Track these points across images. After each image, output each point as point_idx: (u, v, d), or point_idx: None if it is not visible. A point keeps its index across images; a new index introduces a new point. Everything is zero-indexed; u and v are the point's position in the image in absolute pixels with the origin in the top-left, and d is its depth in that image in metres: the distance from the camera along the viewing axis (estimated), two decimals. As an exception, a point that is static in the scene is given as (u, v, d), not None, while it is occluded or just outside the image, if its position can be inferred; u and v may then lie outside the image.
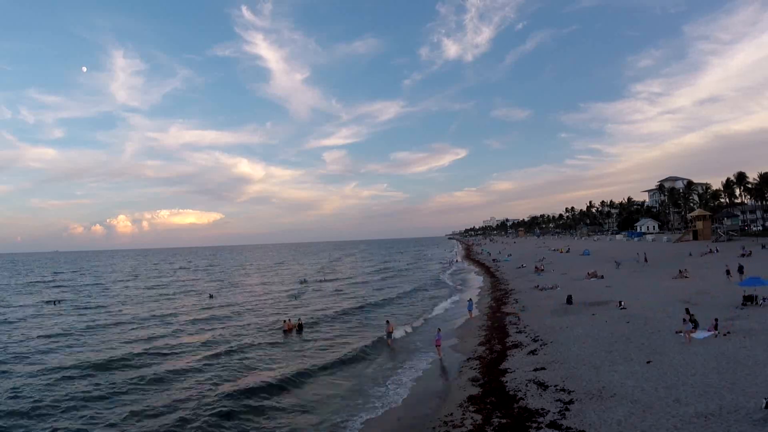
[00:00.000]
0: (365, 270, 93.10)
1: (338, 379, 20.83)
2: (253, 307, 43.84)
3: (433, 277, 71.25)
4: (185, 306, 45.66)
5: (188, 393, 18.85)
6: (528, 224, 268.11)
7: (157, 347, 27.11)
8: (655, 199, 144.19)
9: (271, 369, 22.21)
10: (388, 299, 46.22)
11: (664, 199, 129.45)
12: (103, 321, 37.29)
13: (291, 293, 54.19)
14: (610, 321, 24.02)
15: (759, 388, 12.95)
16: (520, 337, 23.87)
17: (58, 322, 37.23)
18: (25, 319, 39.88)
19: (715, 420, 11.51)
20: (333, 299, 48.14)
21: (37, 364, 24.10)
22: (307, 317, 35.25)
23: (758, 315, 21.80)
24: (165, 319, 37.83)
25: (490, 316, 31.79)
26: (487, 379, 17.89)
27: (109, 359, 24.31)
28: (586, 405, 13.59)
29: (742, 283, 26.46)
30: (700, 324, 20.32)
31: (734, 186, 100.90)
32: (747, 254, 50.47)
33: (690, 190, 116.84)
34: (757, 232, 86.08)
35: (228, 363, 23.31)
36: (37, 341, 29.87)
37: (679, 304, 26.27)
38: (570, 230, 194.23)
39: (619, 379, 15.31)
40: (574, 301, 30.90)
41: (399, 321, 33.08)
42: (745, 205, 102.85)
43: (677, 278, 37.66)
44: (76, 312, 43.31)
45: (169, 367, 22.73)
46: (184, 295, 55.74)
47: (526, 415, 13.56)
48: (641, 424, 11.82)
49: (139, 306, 46.55)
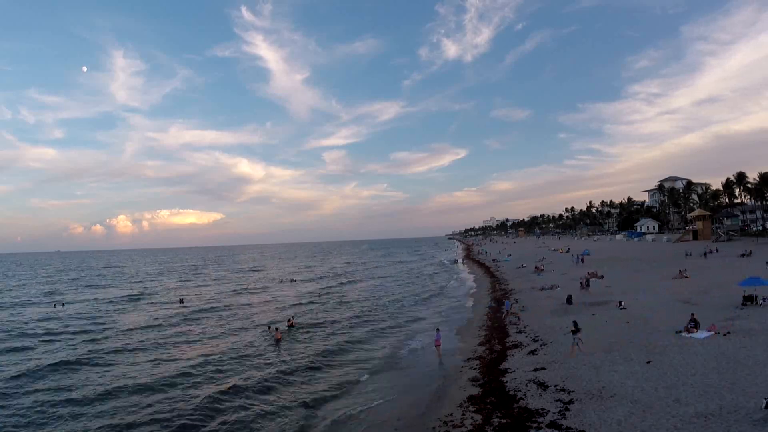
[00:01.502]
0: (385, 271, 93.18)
1: (338, 378, 20.82)
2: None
3: (435, 283, 71.27)
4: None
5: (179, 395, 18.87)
6: (528, 224, 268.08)
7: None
8: (655, 199, 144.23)
9: (270, 367, 22.25)
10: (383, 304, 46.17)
11: (664, 199, 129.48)
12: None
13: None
14: (610, 321, 24.01)
15: (759, 388, 12.94)
16: (520, 337, 23.85)
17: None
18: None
19: (715, 420, 11.50)
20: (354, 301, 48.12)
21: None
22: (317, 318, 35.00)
23: (758, 315, 21.79)
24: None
25: (490, 316, 31.77)
26: (487, 379, 17.87)
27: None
28: (586, 405, 13.58)
29: (742, 283, 26.45)
30: (700, 324, 20.33)
31: (734, 186, 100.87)
32: (747, 254, 50.50)
33: (690, 190, 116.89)
34: (757, 232, 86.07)
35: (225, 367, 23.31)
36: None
37: (679, 304, 26.29)
38: (570, 230, 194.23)
39: (619, 379, 15.30)
40: (574, 301, 30.89)
41: (399, 320, 33.07)
42: (745, 205, 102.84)
43: (677, 278, 37.66)
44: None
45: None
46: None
47: (526, 415, 13.54)
48: (641, 424, 11.81)
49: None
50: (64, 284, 77.89)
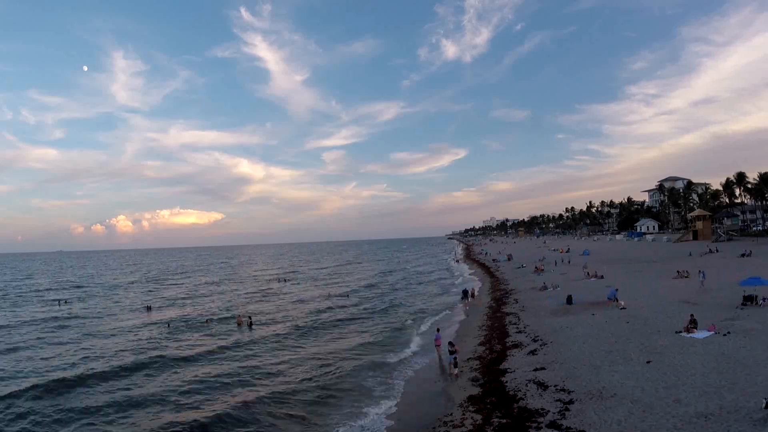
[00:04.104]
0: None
1: (337, 377, 20.80)
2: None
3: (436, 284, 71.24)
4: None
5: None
6: (528, 224, 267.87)
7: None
8: (655, 199, 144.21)
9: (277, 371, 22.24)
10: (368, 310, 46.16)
11: (664, 199, 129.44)
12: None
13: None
14: (610, 321, 24.01)
15: (759, 388, 12.94)
16: (520, 337, 23.84)
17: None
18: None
19: (715, 420, 11.50)
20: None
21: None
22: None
23: (758, 315, 21.80)
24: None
25: (490, 316, 31.76)
26: (487, 379, 17.87)
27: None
28: (586, 405, 13.58)
29: (743, 283, 26.47)
30: (700, 324, 20.34)
31: (734, 186, 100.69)
32: (747, 254, 50.50)
33: (690, 190, 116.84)
34: (757, 232, 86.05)
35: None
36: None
37: (679, 304, 26.30)
38: (570, 230, 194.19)
39: (619, 379, 15.30)
40: (574, 301, 30.90)
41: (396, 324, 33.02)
42: (745, 205, 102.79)
43: (677, 278, 37.66)
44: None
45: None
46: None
47: (526, 415, 13.54)
48: (641, 424, 11.81)
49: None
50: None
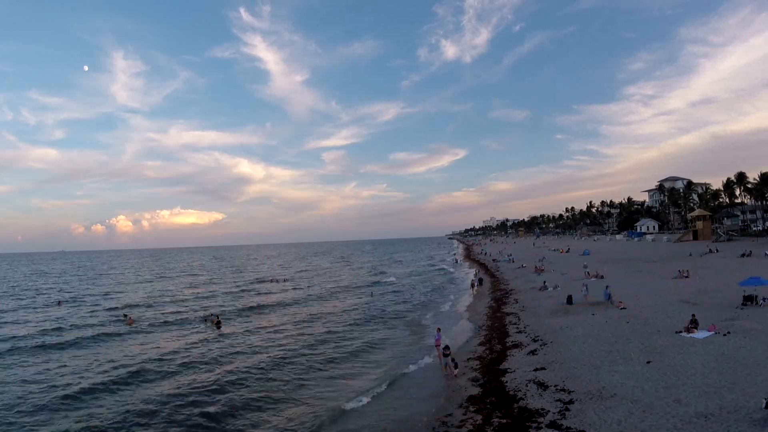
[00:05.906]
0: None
1: (336, 379, 20.83)
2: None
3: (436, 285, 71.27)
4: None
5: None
6: (528, 224, 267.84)
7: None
8: (655, 199, 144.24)
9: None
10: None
11: (664, 199, 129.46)
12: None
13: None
14: (610, 321, 24.01)
15: (759, 388, 12.95)
16: (520, 337, 23.85)
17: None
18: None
19: (715, 420, 11.51)
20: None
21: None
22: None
23: (758, 315, 21.80)
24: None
25: (490, 316, 31.77)
26: (487, 379, 17.88)
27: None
28: (586, 405, 13.59)
29: (743, 283, 26.46)
30: (700, 324, 20.34)
31: (734, 186, 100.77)
32: (747, 254, 50.51)
33: (690, 190, 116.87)
34: (757, 232, 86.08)
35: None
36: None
37: (679, 304, 26.29)
38: (570, 230, 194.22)
39: (619, 379, 15.30)
40: (574, 301, 30.90)
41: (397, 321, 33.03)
42: (745, 205, 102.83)
43: (677, 278, 37.67)
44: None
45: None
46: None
47: (526, 415, 13.55)
48: (641, 424, 11.82)
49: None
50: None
